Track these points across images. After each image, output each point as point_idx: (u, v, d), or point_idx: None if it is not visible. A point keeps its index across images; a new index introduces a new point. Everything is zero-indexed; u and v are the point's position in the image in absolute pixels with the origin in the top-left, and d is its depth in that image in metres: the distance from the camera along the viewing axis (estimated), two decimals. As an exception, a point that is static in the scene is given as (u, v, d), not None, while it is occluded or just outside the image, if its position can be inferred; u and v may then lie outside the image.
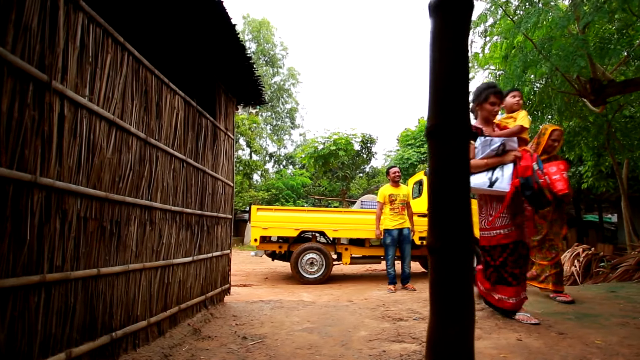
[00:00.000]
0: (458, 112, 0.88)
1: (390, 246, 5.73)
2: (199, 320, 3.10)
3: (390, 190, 5.77)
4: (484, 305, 3.75)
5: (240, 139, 14.14)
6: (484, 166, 2.83)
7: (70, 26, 1.66)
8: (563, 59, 3.99)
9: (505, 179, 2.74)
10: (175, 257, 2.77)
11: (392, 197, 5.74)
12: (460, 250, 0.83)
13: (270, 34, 24.58)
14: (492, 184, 2.78)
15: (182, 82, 3.46)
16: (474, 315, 0.88)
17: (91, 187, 1.83)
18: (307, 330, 3.13)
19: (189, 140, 2.99)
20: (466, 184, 0.86)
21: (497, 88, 3.00)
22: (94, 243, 1.86)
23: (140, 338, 2.28)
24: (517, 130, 3.21)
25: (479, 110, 3.02)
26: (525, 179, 2.75)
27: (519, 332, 2.85)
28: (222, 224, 3.84)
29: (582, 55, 3.77)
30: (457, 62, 0.89)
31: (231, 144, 4.11)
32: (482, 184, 2.82)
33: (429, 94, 0.91)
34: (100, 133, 1.89)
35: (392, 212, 5.73)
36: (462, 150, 0.87)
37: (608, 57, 3.79)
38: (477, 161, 2.86)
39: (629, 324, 2.95)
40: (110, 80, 1.97)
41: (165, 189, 2.61)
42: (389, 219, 5.73)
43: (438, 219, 0.85)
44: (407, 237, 5.83)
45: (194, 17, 2.87)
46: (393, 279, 5.80)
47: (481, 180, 2.83)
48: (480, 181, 2.83)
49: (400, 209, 5.78)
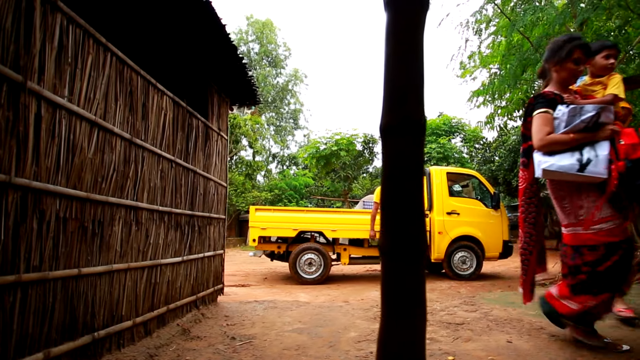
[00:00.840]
0: (411, 110, 0.86)
1: None
2: (189, 320, 3.11)
3: None
4: (477, 307, 3.71)
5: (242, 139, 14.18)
6: (568, 143, 2.17)
7: (47, 27, 1.67)
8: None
9: (600, 162, 2.10)
10: (163, 257, 2.77)
11: None
12: (411, 251, 0.81)
13: (274, 34, 24.64)
14: (582, 167, 2.11)
15: (173, 82, 3.47)
16: (425, 316, 0.86)
17: (71, 187, 1.83)
18: (297, 331, 3.12)
19: (178, 140, 2.99)
20: (419, 184, 0.84)
21: (582, 40, 2.30)
22: (74, 243, 1.87)
23: (125, 338, 2.28)
24: (609, 100, 2.45)
25: (556, 70, 2.34)
26: (634, 162, 2.15)
27: (510, 334, 2.82)
28: (215, 224, 3.84)
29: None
30: (411, 58, 0.88)
31: (224, 145, 4.12)
32: (569, 167, 2.14)
33: (383, 91, 0.89)
34: (80, 133, 1.89)
35: None
36: (415, 149, 0.85)
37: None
38: (559, 136, 2.19)
39: (623, 326, 2.90)
40: (91, 81, 1.97)
41: (153, 189, 2.62)
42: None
43: (390, 220, 0.84)
44: None
45: (183, 18, 2.87)
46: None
47: (567, 162, 2.15)
48: (565, 163, 2.15)
49: None
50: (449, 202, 7.15)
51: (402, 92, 0.87)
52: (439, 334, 2.88)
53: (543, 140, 2.22)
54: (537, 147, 2.27)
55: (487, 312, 3.46)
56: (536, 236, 2.46)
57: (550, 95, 2.31)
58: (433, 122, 20.11)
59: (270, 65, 25.00)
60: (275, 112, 25.23)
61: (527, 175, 2.43)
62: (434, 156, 18.63)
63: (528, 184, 2.45)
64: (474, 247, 7.00)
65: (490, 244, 7.08)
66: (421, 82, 0.87)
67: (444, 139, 19.01)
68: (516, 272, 8.47)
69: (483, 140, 15.02)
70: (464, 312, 3.50)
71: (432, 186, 7.21)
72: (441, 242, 6.96)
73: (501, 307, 3.67)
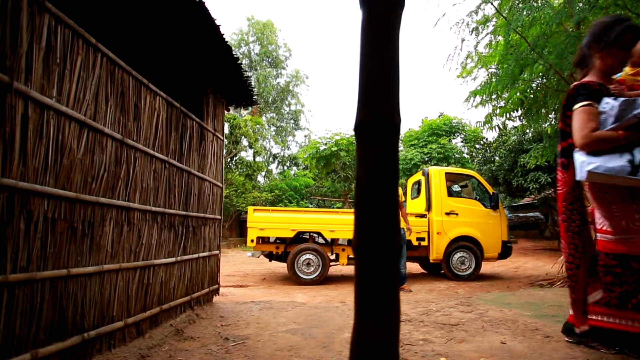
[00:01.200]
0: (385, 110, 0.86)
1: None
2: (183, 320, 3.10)
3: None
4: (473, 308, 3.70)
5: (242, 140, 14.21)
6: (615, 141, 1.92)
7: (35, 28, 1.67)
8: (556, 57, 3.92)
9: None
10: (156, 257, 2.77)
11: None
12: (384, 251, 0.80)
13: (274, 35, 24.66)
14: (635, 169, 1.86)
15: (167, 83, 3.47)
16: (399, 316, 0.85)
17: (60, 187, 1.83)
18: (291, 332, 3.11)
19: (172, 141, 3.00)
20: (392, 184, 0.83)
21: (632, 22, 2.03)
22: (63, 243, 1.87)
23: (116, 338, 2.28)
24: None
25: (601, 57, 2.07)
26: None
27: (504, 335, 2.80)
28: (210, 225, 3.84)
29: (573, 52, 3.69)
30: (385, 58, 0.87)
31: (220, 145, 4.12)
32: (618, 169, 1.88)
33: (358, 89, 0.88)
34: (69, 134, 1.89)
35: None
36: (388, 148, 0.85)
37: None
38: (606, 133, 1.94)
39: None
40: (81, 82, 1.97)
41: (145, 190, 2.62)
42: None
43: (363, 220, 0.83)
44: (403, 238, 5.79)
45: (176, 19, 2.87)
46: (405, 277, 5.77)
47: (616, 163, 1.90)
48: (614, 165, 1.90)
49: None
50: (448, 203, 7.13)
51: (376, 92, 0.86)
52: (433, 334, 2.87)
53: (587, 138, 1.96)
54: (579, 146, 2.01)
55: (483, 312, 3.44)
56: (582, 247, 2.17)
57: (594, 86, 2.05)
58: (434, 123, 20.07)
59: (271, 66, 25.02)
60: (276, 112, 25.25)
61: (567, 177, 2.18)
62: (434, 156, 18.59)
63: (569, 188, 2.18)
64: (473, 247, 6.98)
65: (489, 245, 7.06)
66: (396, 82, 0.87)
67: (445, 139, 18.97)
68: (515, 272, 8.44)
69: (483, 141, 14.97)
70: (460, 313, 3.49)
71: (431, 186, 7.20)
72: (440, 242, 6.94)
73: (497, 307, 3.66)
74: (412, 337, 2.82)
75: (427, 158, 18.93)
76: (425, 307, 3.80)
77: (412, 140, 20.67)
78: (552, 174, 10.88)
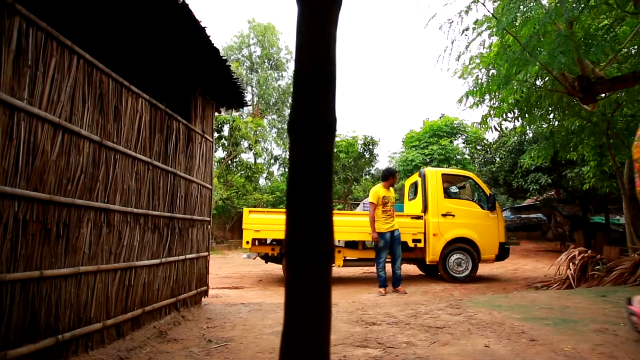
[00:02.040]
0: (319, 107, 0.84)
1: (383, 249, 5.62)
2: (168, 322, 3.10)
3: (384, 192, 5.63)
4: (462, 310, 3.65)
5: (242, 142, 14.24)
6: None
7: (4, 31, 1.68)
8: (547, 56, 3.88)
9: None
10: (139, 259, 2.77)
11: (385, 199, 5.61)
12: (315, 252, 0.79)
13: (275, 38, 24.75)
14: None
15: (154, 85, 3.48)
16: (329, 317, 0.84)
17: (31, 189, 1.83)
18: (276, 334, 3.10)
19: (155, 142, 3.00)
20: (324, 184, 0.82)
21: None
22: (36, 245, 1.87)
23: (94, 340, 2.28)
24: None
25: None
26: None
27: (489, 338, 2.76)
28: (198, 227, 3.84)
29: (564, 51, 3.65)
30: (321, 56, 0.86)
31: (209, 147, 4.12)
32: None
33: (292, 87, 0.87)
34: (42, 136, 1.90)
35: (385, 214, 5.60)
36: (322, 147, 0.83)
37: (593, 53, 3.66)
38: None
39: (607, 331, 2.83)
40: (55, 84, 1.98)
41: (126, 192, 2.62)
42: (381, 222, 5.58)
43: (291, 219, 0.82)
44: (398, 239, 5.75)
45: (161, 23, 2.87)
46: (384, 282, 5.72)
47: None
48: None
49: (392, 211, 5.68)
50: (444, 204, 7.07)
51: (309, 91, 0.85)
52: (418, 337, 2.84)
53: None
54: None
55: (471, 315, 3.41)
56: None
57: None
58: (435, 124, 19.98)
59: (272, 69, 25.09)
60: (277, 114, 25.30)
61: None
62: (435, 157, 18.50)
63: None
64: (470, 249, 6.91)
65: (486, 246, 6.99)
66: (331, 82, 0.85)
67: (446, 140, 18.88)
68: (513, 274, 8.36)
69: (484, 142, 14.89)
70: (448, 316, 3.45)
71: (427, 188, 7.15)
72: (436, 244, 6.89)
73: (487, 310, 3.61)
74: (396, 339, 2.79)
75: (428, 159, 18.85)
76: (414, 310, 3.77)
77: (413, 142, 20.59)
78: (553, 175, 10.77)
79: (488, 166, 12.96)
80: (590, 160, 7.82)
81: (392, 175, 5.80)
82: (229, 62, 3.84)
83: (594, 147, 7.26)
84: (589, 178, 8.01)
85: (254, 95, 24.40)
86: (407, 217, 7.07)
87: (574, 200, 12.46)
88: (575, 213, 13.02)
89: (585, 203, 11.74)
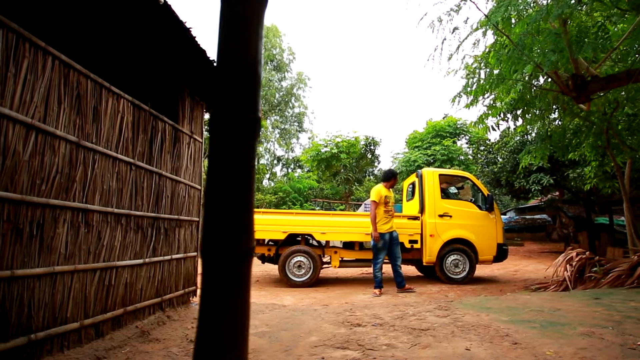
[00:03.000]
0: (241, 105, 0.83)
1: (382, 250, 5.65)
2: (151, 322, 3.11)
3: (385, 192, 5.70)
4: (450, 312, 3.60)
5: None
6: None
7: (-29, 32, 1.69)
8: (540, 55, 3.83)
9: None
10: (121, 259, 2.78)
11: (387, 199, 5.67)
12: (231, 254, 0.77)
13: (278, 39, 24.80)
14: None
15: (140, 86, 3.50)
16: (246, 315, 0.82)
17: (2, 189, 1.85)
18: (259, 335, 3.09)
19: (139, 143, 3.01)
20: (245, 183, 0.81)
21: None
22: (7, 245, 1.88)
23: (70, 340, 2.29)
24: None
25: None
26: None
27: (472, 341, 2.72)
28: (187, 227, 3.84)
29: (555, 49, 3.59)
30: (243, 53, 0.84)
31: (198, 148, 4.13)
32: None
33: (214, 83, 0.86)
34: (14, 136, 1.91)
35: (386, 214, 5.65)
36: (243, 145, 0.82)
37: (584, 50, 3.59)
38: None
39: (593, 334, 2.77)
40: (27, 85, 1.99)
41: (107, 192, 2.63)
42: (382, 222, 5.63)
43: (210, 220, 0.80)
44: (397, 239, 5.77)
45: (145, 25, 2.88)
46: (380, 283, 5.73)
47: None
48: None
49: (392, 211, 5.74)
50: (441, 205, 7.01)
51: (231, 89, 0.83)
52: (400, 339, 2.81)
53: None
54: None
55: (458, 317, 3.36)
56: None
57: None
58: (437, 124, 19.83)
59: (275, 70, 25.14)
60: (280, 115, 25.34)
61: None
62: (438, 158, 18.36)
63: None
64: (467, 250, 6.84)
65: (484, 247, 6.91)
66: (253, 80, 0.84)
67: (449, 141, 18.73)
68: (513, 276, 8.25)
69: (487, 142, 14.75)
70: (435, 317, 3.41)
71: (424, 188, 7.09)
72: (433, 245, 6.82)
73: (475, 312, 3.56)
74: (377, 342, 2.77)
75: (431, 160, 18.71)
76: (402, 311, 3.73)
77: (416, 142, 20.46)
78: (555, 176, 10.61)
79: (490, 167, 12.82)
80: (591, 161, 7.69)
81: (394, 177, 5.86)
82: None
83: (595, 147, 7.14)
84: (590, 179, 7.87)
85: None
86: (404, 218, 7.02)
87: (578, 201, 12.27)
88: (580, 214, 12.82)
89: (588, 204, 11.54)
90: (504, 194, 15.18)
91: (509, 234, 21.70)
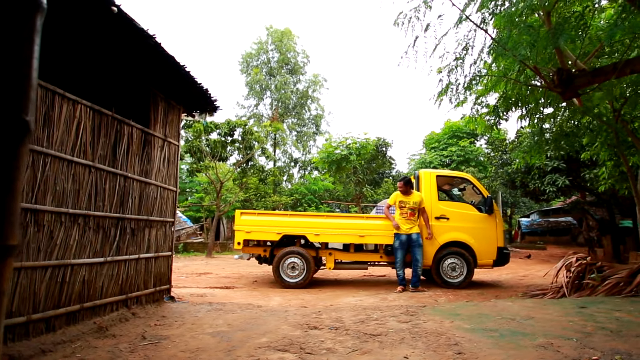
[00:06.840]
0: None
1: (399, 249, 6.15)
2: (113, 319, 3.22)
3: (400, 197, 6.24)
4: (414, 318, 3.49)
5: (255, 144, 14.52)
6: None
7: None
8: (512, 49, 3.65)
9: None
10: (77, 257, 2.91)
11: (402, 204, 6.20)
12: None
13: (293, 42, 25.03)
14: None
15: (107, 91, 3.65)
16: None
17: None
18: (214, 334, 3.13)
19: (99, 147, 3.14)
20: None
21: None
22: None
23: (16, 333, 2.42)
24: None
25: None
26: None
27: (416, 349, 2.63)
28: (158, 227, 3.96)
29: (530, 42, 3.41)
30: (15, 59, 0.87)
31: (174, 151, 4.25)
32: None
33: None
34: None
35: (401, 217, 6.20)
36: None
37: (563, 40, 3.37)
38: None
39: (550, 346, 2.59)
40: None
41: (60, 193, 2.76)
42: (400, 223, 6.13)
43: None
44: (417, 242, 6.15)
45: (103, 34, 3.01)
46: (402, 280, 6.19)
47: None
48: None
49: (408, 214, 6.20)
50: (438, 207, 6.80)
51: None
52: (344, 344, 2.76)
53: None
54: None
55: (419, 323, 3.25)
56: None
57: None
58: (455, 125, 19.30)
59: (290, 73, 25.38)
60: (296, 117, 25.53)
61: None
62: (454, 159, 17.87)
63: None
64: (465, 253, 6.60)
65: (483, 251, 6.64)
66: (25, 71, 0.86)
67: (465, 142, 18.16)
68: (519, 281, 7.85)
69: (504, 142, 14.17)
70: (396, 323, 3.32)
71: (421, 190, 6.91)
72: (428, 247, 6.63)
73: (440, 318, 3.43)
74: (321, 346, 2.73)
75: (447, 161, 18.24)
76: (367, 315, 3.66)
77: (432, 143, 20.02)
78: (571, 177, 10.01)
79: (505, 167, 12.30)
80: (606, 161, 7.20)
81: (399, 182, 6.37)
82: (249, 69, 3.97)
83: (609, 146, 6.68)
84: (605, 180, 7.37)
85: (273, 100, 24.80)
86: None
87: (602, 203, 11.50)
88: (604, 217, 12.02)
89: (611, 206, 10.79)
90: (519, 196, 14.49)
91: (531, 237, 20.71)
